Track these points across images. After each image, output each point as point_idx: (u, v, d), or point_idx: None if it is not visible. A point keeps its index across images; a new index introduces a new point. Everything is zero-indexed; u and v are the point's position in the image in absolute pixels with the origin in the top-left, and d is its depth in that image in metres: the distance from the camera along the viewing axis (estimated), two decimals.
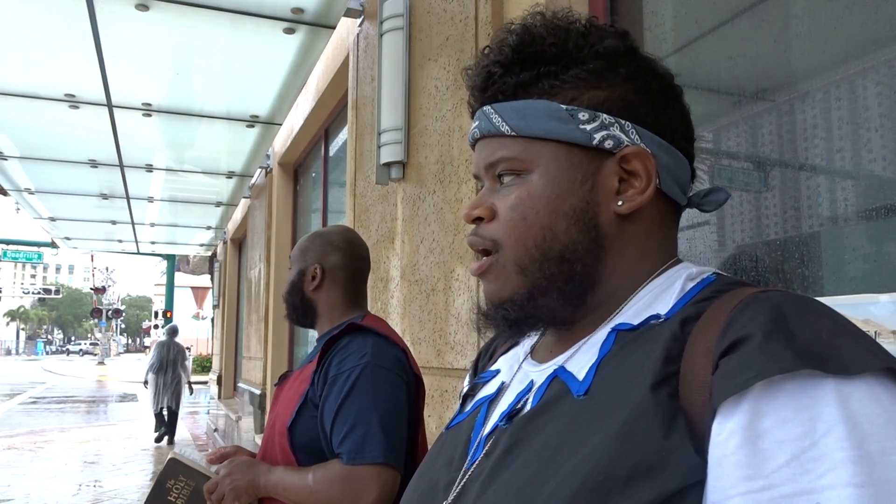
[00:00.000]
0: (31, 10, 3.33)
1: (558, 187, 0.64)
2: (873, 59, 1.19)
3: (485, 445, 0.64)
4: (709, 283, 0.62)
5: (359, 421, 1.38)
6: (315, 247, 1.68)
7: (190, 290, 39.09)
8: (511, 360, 0.76)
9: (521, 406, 0.65)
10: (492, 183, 0.69)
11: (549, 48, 0.65)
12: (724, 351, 0.50)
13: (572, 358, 0.64)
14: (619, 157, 0.64)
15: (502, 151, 0.67)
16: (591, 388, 0.58)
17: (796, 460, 0.45)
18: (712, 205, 0.71)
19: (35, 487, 6.86)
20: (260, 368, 6.88)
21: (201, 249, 12.86)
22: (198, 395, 19.49)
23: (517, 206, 0.65)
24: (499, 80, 0.67)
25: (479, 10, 2.22)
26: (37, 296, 73.10)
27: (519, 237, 0.65)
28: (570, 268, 0.64)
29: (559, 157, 0.65)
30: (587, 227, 0.64)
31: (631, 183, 0.65)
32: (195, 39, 3.65)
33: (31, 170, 6.29)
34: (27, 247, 30.30)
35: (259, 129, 5.20)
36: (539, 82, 0.65)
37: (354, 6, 3.56)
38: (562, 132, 0.64)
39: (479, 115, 0.70)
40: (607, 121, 0.64)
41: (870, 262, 1.18)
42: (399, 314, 2.80)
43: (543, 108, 0.65)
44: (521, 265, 0.65)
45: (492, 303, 0.68)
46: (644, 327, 0.60)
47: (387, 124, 2.81)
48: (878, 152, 1.17)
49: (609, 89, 0.65)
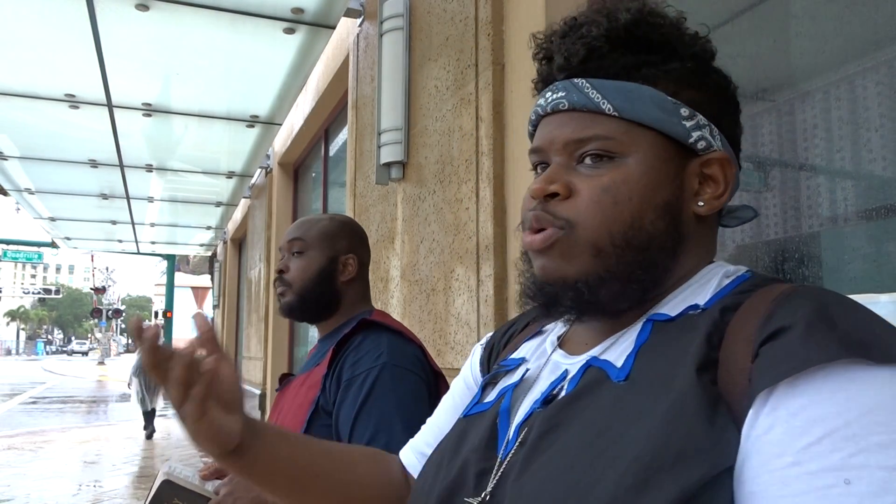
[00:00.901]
0: (31, 10, 3.33)
1: (655, 177, 0.63)
2: (873, 59, 1.19)
3: (518, 434, 0.63)
4: (744, 279, 0.63)
5: (380, 428, 1.25)
6: (345, 235, 1.53)
7: (190, 290, 39.08)
8: (536, 349, 0.75)
9: (557, 393, 0.64)
10: (566, 160, 0.66)
11: (658, 35, 0.65)
12: (765, 339, 0.51)
13: (608, 349, 0.64)
14: (703, 160, 0.65)
15: (597, 129, 0.64)
16: (630, 374, 0.59)
17: (828, 438, 0.45)
18: (737, 221, 0.73)
19: (35, 487, 6.86)
20: (260, 368, 6.87)
21: (201, 249, 12.86)
22: None
23: (610, 189, 0.63)
24: (607, 56, 0.64)
25: (479, 10, 2.22)
26: (37, 296, 73.13)
27: (605, 220, 0.63)
28: (649, 258, 0.63)
29: (656, 147, 0.64)
30: (672, 222, 0.64)
31: (706, 187, 0.66)
32: (195, 39, 3.65)
33: (31, 170, 6.29)
34: (27, 247, 30.28)
35: (259, 129, 5.20)
36: (642, 68, 0.64)
37: (354, 6, 3.56)
38: (665, 123, 0.63)
39: (565, 87, 0.66)
40: (702, 122, 0.65)
41: (870, 262, 1.18)
42: (399, 314, 2.80)
43: (650, 95, 0.64)
44: (597, 247, 0.63)
45: (550, 280, 0.65)
46: (681, 318, 0.61)
47: (387, 124, 2.81)
48: (878, 152, 1.17)
49: (703, 92, 0.66)
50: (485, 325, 2.07)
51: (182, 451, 9.26)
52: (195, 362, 0.69)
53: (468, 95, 2.26)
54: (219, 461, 0.77)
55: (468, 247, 2.20)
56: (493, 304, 2.03)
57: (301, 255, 1.50)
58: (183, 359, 0.68)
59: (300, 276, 1.49)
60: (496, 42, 2.13)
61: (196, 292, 37.88)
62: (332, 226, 1.53)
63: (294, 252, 1.51)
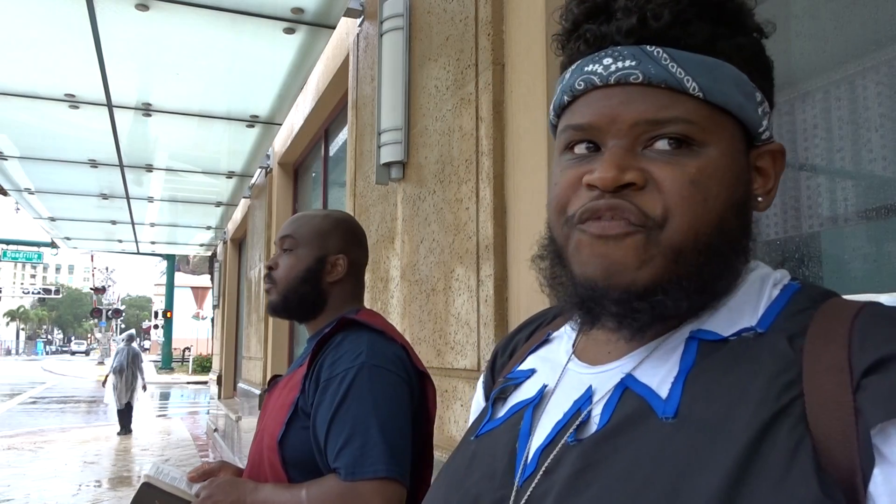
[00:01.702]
0: (31, 10, 3.33)
1: (734, 172, 0.54)
2: (873, 59, 1.19)
3: (537, 460, 0.55)
4: (795, 290, 0.56)
5: (356, 430, 1.22)
6: (338, 233, 1.49)
7: (190, 290, 39.08)
8: (548, 359, 0.67)
9: (585, 417, 0.55)
10: (632, 143, 0.54)
11: (731, 4, 0.55)
12: (868, 368, 0.45)
13: (642, 365, 0.55)
14: (758, 152, 0.57)
15: (679, 110, 0.53)
16: (679, 410, 0.50)
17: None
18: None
19: (35, 487, 6.86)
20: (260, 368, 6.87)
21: (201, 249, 12.86)
22: (198, 395, 19.49)
23: (699, 182, 0.52)
24: (693, 23, 0.53)
25: (479, 10, 2.22)
26: (37, 296, 73.11)
27: (694, 219, 0.52)
28: (727, 265, 0.55)
29: (735, 137, 0.55)
30: (747, 223, 0.56)
31: (756, 181, 0.58)
32: (195, 39, 3.65)
33: (31, 170, 6.29)
34: (27, 247, 30.31)
35: (259, 129, 5.20)
36: (717, 42, 0.54)
37: (354, 6, 3.56)
38: (746, 110, 0.55)
39: (634, 54, 0.54)
40: (767, 109, 0.56)
41: (870, 262, 1.18)
42: (399, 314, 2.80)
43: (734, 75, 0.54)
44: (679, 251, 0.53)
45: (609, 282, 0.53)
46: (734, 340, 0.53)
47: (387, 124, 2.81)
48: (878, 152, 1.17)
49: (765, 75, 0.57)
50: (485, 325, 2.07)
51: (181, 451, 9.27)
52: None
53: (468, 95, 2.26)
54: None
55: (468, 247, 2.20)
56: (493, 304, 2.03)
57: (290, 252, 1.47)
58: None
59: (286, 275, 1.46)
60: (496, 42, 2.13)
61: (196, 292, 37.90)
62: (324, 224, 1.49)
63: (284, 249, 1.48)
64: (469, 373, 2.16)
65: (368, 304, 3.21)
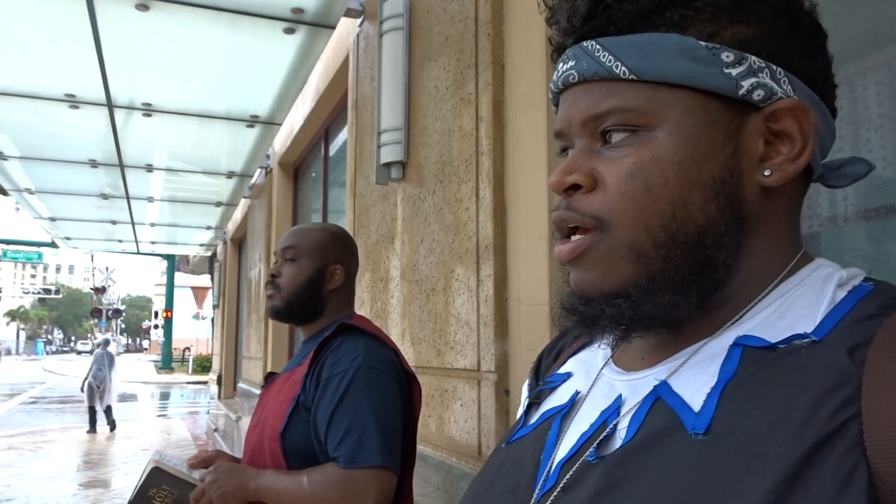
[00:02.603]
0: (31, 11, 3.33)
1: (694, 150, 0.50)
2: (873, 59, 1.19)
3: (558, 474, 0.52)
4: (867, 292, 0.49)
5: (355, 424, 1.36)
6: (336, 246, 1.65)
7: (190, 290, 39.08)
8: (586, 362, 0.63)
9: (610, 431, 0.51)
10: (589, 142, 0.53)
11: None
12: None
13: (678, 373, 0.51)
14: (768, 113, 0.51)
15: (615, 100, 0.51)
16: (712, 426, 0.45)
17: None
18: (846, 178, 0.57)
19: (35, 487, 6.86)
20: (260, 368, 6.88)
21: (201, 249, 12.86)
22: (198, 395, 19.50)
23: (637, 173, 0.50)
24: (614, 6, 0.51)
25: (479, 10, 2.22)
26: (37, 296, 73.11)
27: (639, 213, 0.50)
28: (705, 255, 0.50)
29: (694, 111, 0.50)
30: (729, 204, 0.50)
31: (776, 147, 0.51)
32: (195, 39, 3.65)
33: (31, 170, 6.29)
34: (27, 247, 30.31)
35: (259, 129, 5.20)
36: (665, 12, 0.51)
37: (354, 6, 3.56)
38: (701, 77, 0.50)
39: (575, 54, 0.54)
40: (756, 65, 0.50)
41: (870, 262, 1.18)
42: (399, 314, 2.80)
43: (675, 44, 0.50)
44: (638, 249, 0.50)
45: (590, 296, 0.52)
46: (784, 348, 0.47)
47: (387, 124, 2.81)
48: (878, 152, 1.17)
49: (757, 24, 0.51)
50: (485, 325, 2.07)
51: (181, 451, 9.26)
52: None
53: (468, 95, 2.26)
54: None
55: (468, 247, 2.20)
56: (493, 304, 2.03)
57: (293, 262, 1.61)
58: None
59: (290, 283, 1.59)
60: (496, 42, 2.13)
61: (196, 292, 37.90)
62: (323, 237, 1.64)
63: (287, 259, 1.62)
64: (469, 373, 2.16)
65: (368, 304, 3.21)
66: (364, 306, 3.25)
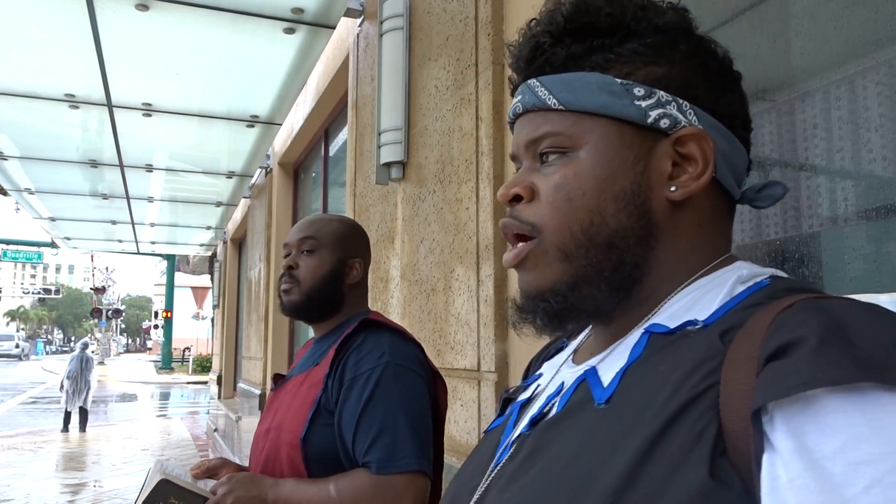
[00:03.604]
0: (31, 10, 3.33)
1: (608, 167, 0.60)
2: (873, 59, 1.19)
3: (510, 450, 0.61)
4: (761, 286, 0.56)
5: (386, 426, 1.26)
6: (355, 238, 1.55)
7: (190, 290, 39.08)
8: (555, 363, 0.73)
9: (548, 410, 0.61)
10: (532, 162, 0.64)
11: (605, 19, 0.62)
12: (770, 355, 0.45)
13: (605, 360, 0.60)
14: (674, 139, 0.60)
15: (547, 126, 0.62)
16: (613, 397, 0.54)
17: (879, 486, 0.39)
18: (768, 200, 0.65)
19: (35, 487, 6.86)
20: (260, 368, 6.87)
21: (201, 249, 12.86)
22: (198, 395, 19.50)
23: (562, 186, 0.61)
24: (548, 51, 0.63)
25: (479, 10, 2.22)
26: (37, 296, 73.08)
27: (563, 220, 0.60)
28: (617, 255, 0.59)
29: (610, 135, 0.60)
30: (638, 213, 0.60)
31: (685, 168, 0.60)
32: (195, 39, 3.65)
33: (31, 170, 6.29)
34: (27, 247, 30.31)
35: (259, 129, 5.20)
36: (592, 55, 0.62)
37: (354, 6, 3.56)
38: (615, 107, 0.60)
39: (522, 90, 0.65)
40: (664, 98, 0.60)
41: (870, 262, 1.18)
42: (399, 314, 2.80)
43: (596, 81, 0.61)
44: (564, 251, 0.60)
45: (530, 294, 0.62)
46: (679, 333, 0.55)
47: (387, 124, 2.81)
48: (878, 152, 1.17)
49: (667, 66, 0.61)
50: (485, 325, 2.07)
51: (181, 451, 9.27)
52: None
53: (468, 95, 2.26)
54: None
55: (468, 247, 2.20)
56: (493, 304, 2.03)
57: (312, 253, 1.49)
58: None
59: (311, 276, 1.47)
60: (496, 42, 2.13)
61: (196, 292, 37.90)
62: (342, 228, 1.53)
63: (304, 250, 1.49)
64: (469, 373, 2.16)
65: (369, 304, 3.21)
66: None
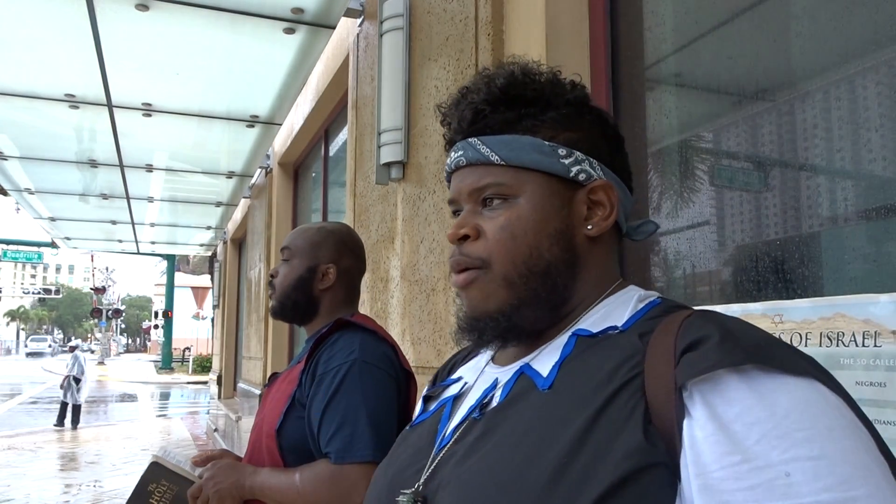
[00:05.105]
0: (31, 11, 3.33)
1: (543, 211, 0.74)
2: (873, 59, 1.19)
3: (453, 435, 0.72)
4: (655, 304, 0.73)
5: (346, 419, 1.36)
6: (329, 244, 1.64)
7: (190, 290, 39.08)
8: (473, 367, 0.86)
9: (489, 401, 0.74)
10: (473, 206, 0.78)
11: (531, 92, 0.77)
12: (685, 348, 0.60)
13: (536, 358, 0.74)
14: (588, 189, 0.76)
15: (490, 178, 0.76)
16: (554, 384, 0.68)
17: (765, 438, 0.54)
18: (642, 234, 0.83)
19: (35, 487, 6.86)
20: (260, 368, 6.87)
21: (201, 249, 12.86)
22: (198, 395, 19.49)
23: (507, 227, 0.74)
24: (489, 116, 0.77)
25: (479, 10, 2.22)
26: (37, 296, 73.07)
27: (508, 254, 0.73)
28: (552, 282, 0.74)
29: (542, 185, 0.75)
30: (566, 247, 0.75)
31: (595, 211, 0.76)
32: (195, 39, 3.65)
33: (31, 170, 6.29)
34: (27, 247, 30.32)
35: (259, 129, 5.20)
36: (522, 121, 0.76)
37: (354, 6, 3.56)
38: (546, 164, 0.75)
39: (462, 146, 0.79)
40: (580, 157, 0.76)
41: (870, 262, 1.18)
42: (399, 314, 2.80)
43: (529, 142, 0.75)
44: (508, 279, 0.73)
45: (475, 315, 0.75)
46: (602, 335, 0.71)
47: (387, 124, 2.81)
48: (878, 152, 1.17)
49: (580, 132, 0.77)
50: None
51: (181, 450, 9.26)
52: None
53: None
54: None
55: None
56: None
57: (287, 262, 1.64)
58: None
59: (282, 283, 1.62)
60: (496, 42, 2.13)
61: (196, 292, 37.90)
62: (317, 236, 1.65)
63: (283, 259, 1.65)
64: None
65: (368, 304, 3.21)
66: (364, 306, 3.25)
